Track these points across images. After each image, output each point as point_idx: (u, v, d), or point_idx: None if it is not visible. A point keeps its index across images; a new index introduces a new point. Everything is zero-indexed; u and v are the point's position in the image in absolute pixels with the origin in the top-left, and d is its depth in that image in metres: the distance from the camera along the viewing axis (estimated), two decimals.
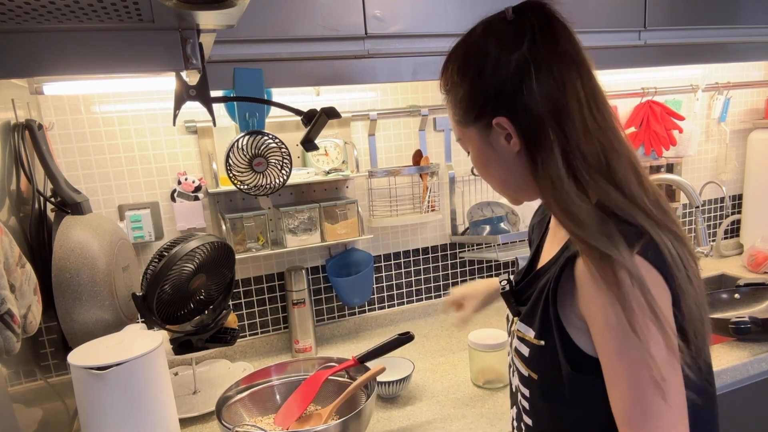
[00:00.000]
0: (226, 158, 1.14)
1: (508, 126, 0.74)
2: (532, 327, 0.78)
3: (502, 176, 0.80)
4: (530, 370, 0.79)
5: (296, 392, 1.20)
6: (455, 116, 0.81)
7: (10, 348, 0.79)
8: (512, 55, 0.71)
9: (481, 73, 0.73)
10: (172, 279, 1.10)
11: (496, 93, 0.73)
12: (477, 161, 0.82)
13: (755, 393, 1.41)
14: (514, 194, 0.83)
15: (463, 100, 0.77)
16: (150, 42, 0.79)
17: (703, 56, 1.60)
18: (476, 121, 0.77)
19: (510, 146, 0.75)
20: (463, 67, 0.77)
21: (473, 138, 0.79)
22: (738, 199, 2.29)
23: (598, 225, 0.67)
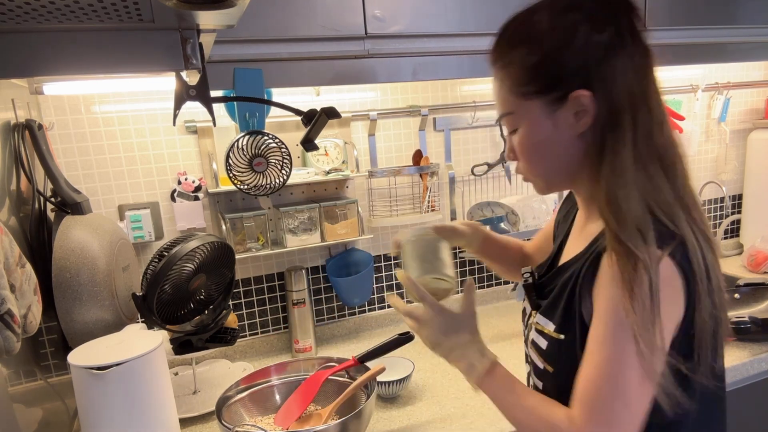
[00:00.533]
0: (226, 158, 1.14)
1: (587, 102, 0.71)
2: (552, 320, 0.78)
3: (553, 157, 0.76)
4: (546, 363, 0.79)
5: (296, 392, 1.20)
6: (516, 86, 0.74)
7: (10, 348, 0.79)
8: (602, 33, 0.70)
9: (567, 44, 0.70)
10: (172, 279, 1.10)
11: (579, 67, 0.70)
12: (528, 139, 0.76)
13: (755, 393, 1.41)
14: (556, 179, 0.80)
15: (534, 69, 0.72)
16: (150, 42, 0.79)
17: (703, 56, 1.60)
18: (545, 93, 0.73)
19: (577, 124, 0.72)
20: (539, 34, 0.72)
21: (533, 112, 0.74)
22: (738, 199, 2.29)
23: (637, 221, 0.67)
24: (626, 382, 0.66)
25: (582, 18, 0.70)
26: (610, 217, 0.69)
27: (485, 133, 1.84)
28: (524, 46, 0.73)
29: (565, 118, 0.73)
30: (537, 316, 0.83)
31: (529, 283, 0.88)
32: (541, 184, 0.82)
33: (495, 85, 0.79)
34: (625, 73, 0.70)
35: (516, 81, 0.74)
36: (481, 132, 1.84)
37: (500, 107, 0.79)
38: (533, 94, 0.73)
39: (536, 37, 0.72)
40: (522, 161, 0.80)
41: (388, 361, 1.29)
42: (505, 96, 0.77)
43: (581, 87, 0.71)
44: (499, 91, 0.78)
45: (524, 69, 0.73)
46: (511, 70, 0.75)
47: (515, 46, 0.74)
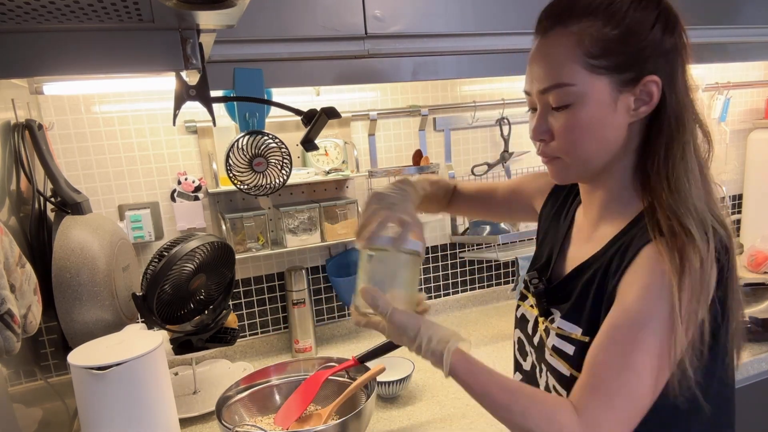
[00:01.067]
0: (226, 158, 1.14)
1: (655, 90, 0.69)
2: (579, 324, 0.76)
3: (602, 141, 0.73)
4: (574, 370, 0.75)
5: (296, 392, 1.20)
6: (586, 56, 0.69)
7: (10, 348, 0.79)
8: (673, 34, 0.71)
9: (648, 30, 0.69)
10: (172, 279, 1.10)
11: (654, 55, 0.69)
12: (584, 117, 0.71)
13: (755, 393, 1.41)
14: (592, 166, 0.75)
15: (613, 43, 0.68)
16: (150, 42, 0.79)
17: (703, 56, 1.60)
18: (618, 71, 0.69)
19: (635, 112, 0.71)
20: (621, 11, 0.69)
21: (598, 89, 0.70)
22: (738, 199, 2.29)
23: (702, 216, 0.68)
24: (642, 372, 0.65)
25: (658, 12, 0.70)
26: (677, 206, 0.68)
27: (485, 133, 1.84)
28: (603, 17, 0.68)
29: (627, 103, 0.71)
30: (558, 321, 0.79)
31: (540, 290, 0.84)
32: (571, 169, 0.77)
33: (549, 54, 0.72)
34: (683, 75, 0.72)
35: (587, 51, 0.69)
36: (481, 132, 1.84)
37: (554, 76, 0.71)
38: (605, 69, 0.69)
39: (618, 12, 0.68)
40: (564, 140, 0.73)
41: (388, 361, 1.29)
42: (565, 64, 0.70)
43: (658, 73, 0.70)
44: (558, 59, 0.70)
45: (600, 41, 0.68)
46: (582, 38, 0.69)
47: (591, 14, 0.69)
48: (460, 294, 1.91)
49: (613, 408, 0.66)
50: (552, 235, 0.92)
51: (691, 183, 0.70)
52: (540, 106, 0.75)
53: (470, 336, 1.66)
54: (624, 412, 0.66)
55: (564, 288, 0.82)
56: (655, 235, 0.68)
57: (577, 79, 0.70)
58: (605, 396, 0.66)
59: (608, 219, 0.79)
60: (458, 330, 1.71)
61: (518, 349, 0.94)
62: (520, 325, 0.93)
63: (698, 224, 0.67)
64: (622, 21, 0.68)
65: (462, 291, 1.91)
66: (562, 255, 0.87)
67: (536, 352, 0.86)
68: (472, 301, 1.91)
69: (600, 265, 0.75)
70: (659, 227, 0.68)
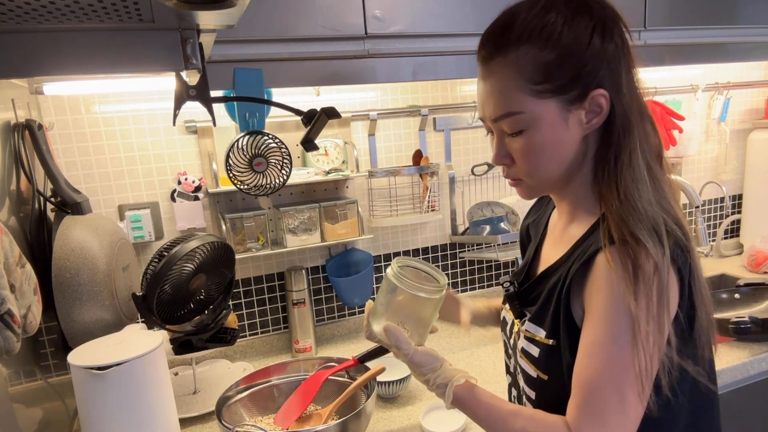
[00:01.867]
0: (226, 158, 1.14)
1: (603, 102, 0.70)
2: (543, 326, 0.78)
3: (558, 159, 0.74)
4: (539, 371, 0.78)
5: (296, 392, 1.20)
6: (528, 83, 0.70)
7: (10, 348, 0.79)
8: (611, 40, 0.71)
9: (585, 45, 0.69)
10: (172, 279, 1.10)
11: (595, 68, 0.70)
12: (539, 140, 0.72)
13: (755, 393, 1.41)
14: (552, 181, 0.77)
15: (551, 66, 0.69)
16: (150, 42, 0.79)
17: (703, 56, 1.60)
18: (562, 92, 0.70)
19: (586, 125, 0.72)
20: (554, 32, 0.69)
21: (547, 111, 0.71)
22: (738, 199, 2.29)
23: (653, 222, 0.68)
24: (626, 386, 0.66)
25: (593, 23, 0.70)
26: (627, 215, 0.68)
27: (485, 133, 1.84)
28: (538, 42, 0.69)
29: (578, 119, 0.72)
30: (526, 324, 0.81)
31: (511, 293, 0.87)
32: (535, 188, 0.80)
33: (492, 83, 0.73)
34: (627, 78, 0.72)
35: (528, 78, 0.70)
36: (481, 132, 1.84)
37: (502, 106, 0.72)
38: (549, 92, 0.70)
39: (552, 34, 0.69)
40: (524, 164, 0.75)
41: (388, 361, 1.29)
42: (511, 94, 0.71)
43: (602, 86, 0.70)
44: (502, 89, 0.72)
45: (539, 66, 0.69)
46: (520, 67, 0.70)
47: (526, 41, 0.69)
48: (459, 294, 1.91)
49: (606, 425, 0.66)
50: (532, 241, 0.95)
51: (641, 189, 0.70)
52: (496, 133, 0.77)
53: (470, 336, 1.66)
54: (618, 426, 0.66)
55: (534, 290, 0.83)
56: (605, 242, 0.69)
57: (525, 107, 0.71)
58: (596, 414, 0.67)
59: (576, 222, 0.80)
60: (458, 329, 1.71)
61: (505, 351, 0.96)
62: (503, 328, 0.94)
63: (650, 230, 0.67)
64: (558, 43, 0.69)
65: (462, 291, 1.91)
66: (536, 257, 0.89)
67: (513, 354, 0.88)
68: None
69: (565, 269, 0.76)
70: (610, 235, 0.69)
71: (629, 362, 0.66)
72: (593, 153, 0.75)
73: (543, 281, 0.81)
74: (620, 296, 0.66)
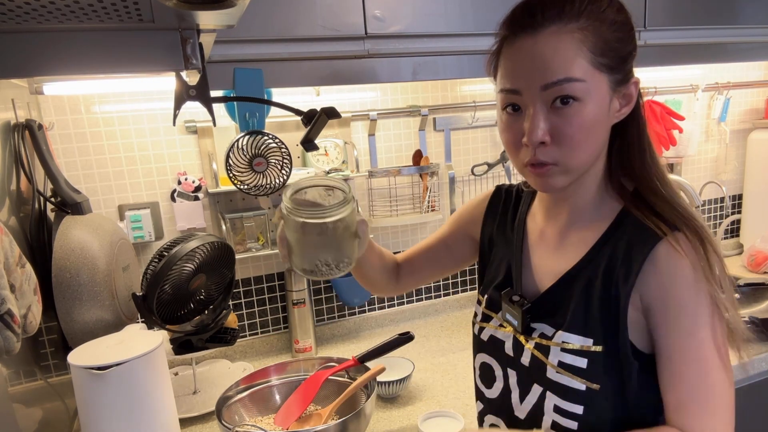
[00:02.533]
0: (226, 158, 1.14)
1: (635, 91, 0.72)
2: (588, 335, 0.72)
3: (598, 142, 0.72)
4: (590, 382, 0.72)
5: (296, 392, 1.20)
6: (593, 51, 0.67)
7: (10, 348, 0.79)
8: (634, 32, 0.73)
9: (632, 31, 0.71)
10: (172, 279, 1.10)
11: (635, 56, 0.72)
12: (592, 116, 0.68)
13: (755, 393, 1.41)
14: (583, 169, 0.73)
15: (611, 41, 0.68)
16: (150, 42, 0.79)
17: (703, 56, 1.60)
18: (614, 70, 0.69)
19: (617, 113, 0.72)
20: (613, 12, 0.69)
21: (601, 86, 0.68)
22: (738, 199, 2.29)
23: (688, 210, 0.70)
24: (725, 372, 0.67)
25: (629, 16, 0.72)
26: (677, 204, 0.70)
27: (485, 133, 1.84)
28: (597, 19, 0.68)
29: (615, 104, 0.71)
30: (562, 335, 0.74)
31: (528, 307, 0.79)
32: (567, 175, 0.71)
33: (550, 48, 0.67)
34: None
35: (592, 48, 0.67)
36: (481, 132, 1.84)
37: (563, 70, 0.66)
38: (606, 67, 0.68)
39: (608, 15, 0.69)
40: (568, 142, 0.68)
41: (388, 361, 1.29)
42: (574, 60, 0.66)
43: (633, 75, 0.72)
44: (564, 54, 0.66)
45: (603, 39, 0.67)
46: (586, 35, 0.67)
47: (588, 14, 0.67)
48: (460, 294, 1.91)
49: (715, 414, 0.66)
50: (503, 251, 0.88)
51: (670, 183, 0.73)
52: (537, 105, 0.68)
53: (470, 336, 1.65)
54: (725, 412, 0.67)
55: (549, 300, 0.78)
56: (664, 231, 0.68)
57: (585, 75, 0.67)
58: (703, 407, 0.66)
59: (581, 224, 0.77)
60: (458, 330, 1.71)
61: (481, 375, 0.88)
62: (486, 349, 0.86)
63: (697, 218, 0.70)
64: (615, 22, 0.69)
65: (462, 291, 1.91)
66: (527, 267, 0.83)
67: (525, 373, 0.80)
68: (472, 301, 1.91)
69: (593, 271, 0.73)
70: (665, 223, 0.69)
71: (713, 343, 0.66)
72: (607, 148, 0.75)
73: (561, 290, 0.76)
74: (695, 279, 0.66)
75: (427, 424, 1.16)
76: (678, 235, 0.67)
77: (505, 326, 0.83)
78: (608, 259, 0.72)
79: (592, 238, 0.75)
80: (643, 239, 0.69)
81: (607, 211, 0.75)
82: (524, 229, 0.86)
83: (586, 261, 0.75)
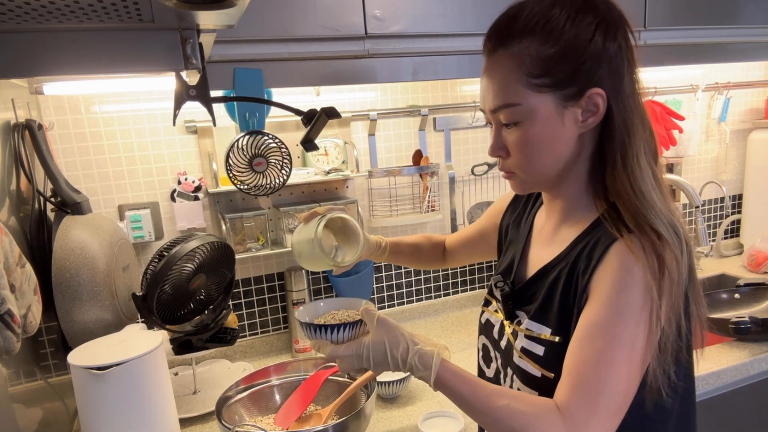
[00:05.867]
0: (226, 158, 1.14)
1: (600, 101, 0.71)
2: (547, 324, 0.77)
3: (552, 154, 0.74)
4: (544, 370, 0.76)
5: (296, 392, 1.20)
6: (527, 76, 0.71)
7: (10, 348, 0.79)
8: (614, 40, 0.71)
9: (587, 42, 0.70)
10: (172, 279, 1.10)
11: (594, 67, 0.70)
12: (533, 134, 0.73)
13: (755, 393, 1.41)
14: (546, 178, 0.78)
15: (551, 61, 0.69)
16: (150, 42, 0.79)
17: (703, 56, 1.60)
18: (560, 87, 0.70)
19: (581, 123, 0.73)
20: (558, 27, 0.69)
21: (543, 106, 0.71)
22: (738, 199, 2.29)
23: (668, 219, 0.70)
24: (623, 368, 0.66)
25: (596, 21, 0.70)
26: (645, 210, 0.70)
27: (485, 133, 1.84)
28: (540, 37, 0.70)
29: (573, 116, 0.72)
30: (527, 323, 0.80)
31: (507, 293, 0.85)
32: (527, 182, 0.80)
33: (494, 75, 0.74)
34: (629, 80, 0.73)
35: (528, 71, 0.70)
36: (481, 132, 1.84)
37: (500, 97, 0.73)
38: (547, 87, 0.71)
39: (555, 30, 0.69)
40: (518, 157, 0.76)
41: None
42: (510, 86, 0.72)
43: (600, 85, 0.71)
44: (502, 81, 0.73)
45: (539, 60, 0.70)
46: (522, 59, 0.71)
47: (529, 35, 0.70)
48: (460, 294, 1.91)
49: (597, 407, 0.66)
50: (514, 241, 0.94)
51: (652, 189, 0.72)
52: (494, 124, 0.78)
53: (470, 336, 1.66)
54: (608, 410, 0.66)
55: (529, 290, 0.83)
56: (622, 232, 0.70)
57: (522, 99, 0.71)
58: (589, 395, 0.67)
59: (569, 222, 0.81)
60: (458, 330, 1.71)
61: (482, 356, 0.94)
62: (484, 331, 0.93)
63: (668, 227, 0.69)
64: (560, 38, 0.69)
65: (462, 291, 1.91)
66: (524, 258, 0.88)
67: (502, 356, 0.86)
68: (472, 301, 1.91)
69: (565, 265, 0.76)
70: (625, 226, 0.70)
71: (627, 344, 0.66)
72: (589, 152, 0.76)
73: (538, 281, 0.81)
74: (632, 281, 0.67)
75: (427, 424, 1.16)
76: (632, 237, 0.68)
77: (499, 311, 0.89)
78: (576, 256, 0.75)
79: (574, 235, 0.78)
80: (605, 239, 0.72)
81: (592, 212, 0.78)
82: (532, 223, 0.91)
83: (562, 256, 0.78)
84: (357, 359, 0.78)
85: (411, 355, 0.75)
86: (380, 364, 0.77)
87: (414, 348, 0.75)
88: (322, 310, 0.92)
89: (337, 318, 0.88)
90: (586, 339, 0.69)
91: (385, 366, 0.77)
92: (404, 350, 0.76)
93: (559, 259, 0.79)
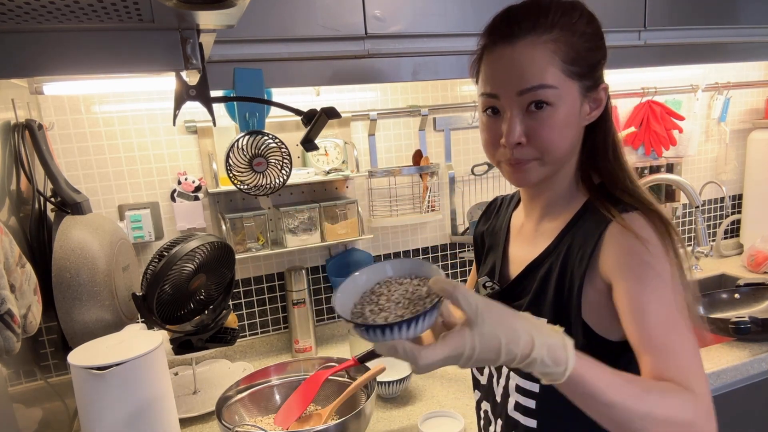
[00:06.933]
0: (226, 158, 1.14)
1: (605, 96, 0.78)
2: (542, 314, 0.78)
3: (570, 143, 0.77)
4: None
5: (296, 392, 1.20)
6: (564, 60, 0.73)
7: (10, 348, 0.79)
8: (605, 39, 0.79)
9: (601, 40, 0.77)
10: (172, 279, 1.10)
11: (604, 63, 0.78)
12: (563, 118, 0.74)
13: (755, 393, 1.41)
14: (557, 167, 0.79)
15: (582, 50, 0.74)
16: (150, 42, 0.79)
17: (703, 56, 1.60)
18: (584, 77, 0.75)
19: (587, 116, 0.78)
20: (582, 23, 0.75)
21: (572, 92, 0.75)
22: (738, 199, 2.29)
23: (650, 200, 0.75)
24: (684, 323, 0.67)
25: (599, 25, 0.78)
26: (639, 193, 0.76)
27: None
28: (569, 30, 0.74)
29: (586, 107, 0.77)
30: None
31: (496, 291, 0.87)
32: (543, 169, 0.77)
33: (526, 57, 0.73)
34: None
35: (563, 57, 0.74)
36: None
37: (537, 78, 0.73)
38: (576, 75, 0.75)
39: (579, 26, 0.75)
40: (545, 139, 0.74)
41: (388, 361, 1.29)
42: (548, 68, 0.73)
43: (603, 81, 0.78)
44: (537, 63, 0.73)
45: (574, 49, 0.74)
46: (557, 46, 0.73)
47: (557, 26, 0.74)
48: None
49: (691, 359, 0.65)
50: (493, 245, 0.95)
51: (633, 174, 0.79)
52: (513, 109, 0.75)
53: None
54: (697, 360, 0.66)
55: (518, 286, 0.84)
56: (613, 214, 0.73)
57: (557, 82, 0.74)
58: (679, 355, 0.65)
59: (551, 216, 0.83)
60: None
61: None
62: None
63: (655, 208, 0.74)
64: (584, 34, 0.75)
65: None
66: (505, 258, 0.90)
67: None
68: None
69: (556, 257, 0.78)
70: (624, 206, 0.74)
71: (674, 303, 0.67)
72: (579, 147, 0.81)
73: (529, 276, 0.82)
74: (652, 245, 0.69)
75: (427, 424, 1.16)
76: (633, 215, 0.72)
77: None
78: (567, 247, 0.77)
79: (558, 228, 0.80)
80: (597, 224, 0.74)
81: (575, 204, 0.81)
82: (508, 226, 0.93)
83: (550, 249, 0.80)
84: (453, 360, 0.56)
85: (537, 349, 0.57)
86: (483, 362, 0.58)
87: (539, 340, 0.57)
88: (361, 285, 0.68)
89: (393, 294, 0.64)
90: (641, 316, 0.67)
91: (490, 363, 0.59)
92: (526, 344, 0.57)
93: (548, 253, 0.80)
